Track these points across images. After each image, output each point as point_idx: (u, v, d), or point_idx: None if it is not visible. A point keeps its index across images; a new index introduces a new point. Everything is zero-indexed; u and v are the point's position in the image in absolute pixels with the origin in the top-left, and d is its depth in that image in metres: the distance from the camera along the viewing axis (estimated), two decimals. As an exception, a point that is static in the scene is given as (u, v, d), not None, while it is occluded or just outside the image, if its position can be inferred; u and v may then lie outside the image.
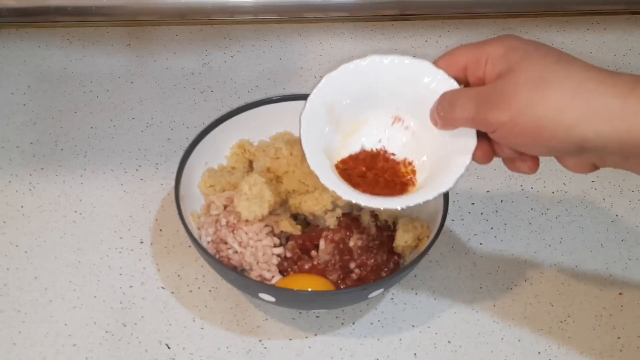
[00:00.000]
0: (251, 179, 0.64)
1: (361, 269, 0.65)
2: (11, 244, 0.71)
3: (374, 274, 0.65)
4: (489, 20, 0.96)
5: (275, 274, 0.65)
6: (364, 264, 0.65)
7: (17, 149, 0.78)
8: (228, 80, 0.87)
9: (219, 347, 0.65)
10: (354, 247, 0.65)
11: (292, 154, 0.67)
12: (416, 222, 0.67)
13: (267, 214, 0.64)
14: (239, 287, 0.66)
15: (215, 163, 0.72)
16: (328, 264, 0.65)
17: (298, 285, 0.63)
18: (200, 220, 0.68)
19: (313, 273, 0.65)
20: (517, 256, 0.72)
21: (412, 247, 0.67)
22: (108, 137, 0.80)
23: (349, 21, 0.94)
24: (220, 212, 0.67)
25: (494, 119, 0.52)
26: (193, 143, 0.69)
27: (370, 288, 0.62)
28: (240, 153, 0.72)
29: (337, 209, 0.66)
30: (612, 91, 0.50)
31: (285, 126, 0.73)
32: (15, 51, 0.89)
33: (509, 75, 0.52)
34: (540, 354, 0.66)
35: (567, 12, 0.97)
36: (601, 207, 0.77)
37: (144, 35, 0.91)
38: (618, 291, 0.70)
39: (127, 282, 0.69)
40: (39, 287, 0.68)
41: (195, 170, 0.69)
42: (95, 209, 0.74)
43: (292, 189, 0.66)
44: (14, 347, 0.64)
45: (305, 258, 0.65)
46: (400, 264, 0.67)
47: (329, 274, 0.65)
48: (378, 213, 0.68)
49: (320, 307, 0.66)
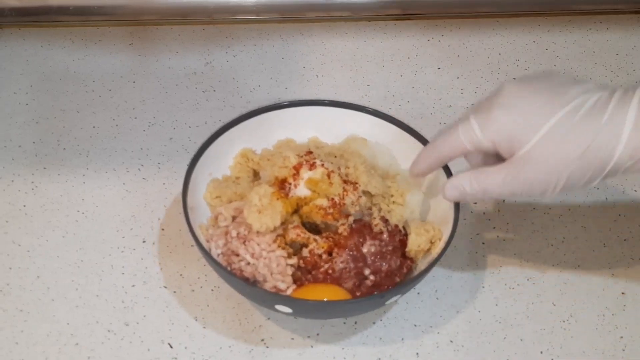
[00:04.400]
0: (261, 190, 0.64)
1: (376, 276, 0.64)
2: (13, 243, 0.71)
3: (389, 279, 0.64)
4: (492, 20, 0.95)
5: (290, 284, 0.63)
6: (379, 269, 0.64)
7: (19, 148, 0.79)
8: (230, 79, 0.87)
9: (221, 346, 0.65)
10: (368, 254, 0.65)
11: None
12: (427, 225, 0.66)
13: (279, 225, 0.64)
14: (254, 300, 0.65)
15: (219, 174, 0.71)
16: (343, 271, 0.64)
17: (314, 295, 0.62)
18: (209, 233, 0.66)
19: (328, 282, 0.64)
20: (519, 255, 0.72)
21: (425, 251, 0.66)
22: (110, 137, 0.80)
23: (351, 21, 0.94)
24: (229, 223, 0.66)
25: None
26: (197, 154, 0.68)
27: (388, 295, 0.61)
28: (243, 162, 0.71)
29: (350, 217, 0.66)
30: None
31: (288, 133, 0.72)
32: (18, 51, 0.89)
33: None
34: (542, 353, 0.66)
35: (570, 11, 0.97)
36: (604, 206, 0.77)
37: (146, 35, 0.92)
38: (621, 291, 0.70)
39: (130, 282, 0.69)
40: (42, 286, 0.68)
41: (200, 181, 0.68)
42: (97, 208, 0.74)
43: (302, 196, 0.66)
44: (17, 346, 0.64)
45: (321, 266, 0.64)
46: (412, 268, 0.66)
47: (344, 282, 0.64)
48: (388, 217, 0.67)
49: (338, 316, 0.65)
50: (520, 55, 0.91)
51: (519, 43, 0.93)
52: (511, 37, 0.94)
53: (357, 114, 0.72)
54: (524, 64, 0.91)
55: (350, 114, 0.72)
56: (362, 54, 0.91)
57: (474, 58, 0.91)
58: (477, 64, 0.90)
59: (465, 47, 0.92)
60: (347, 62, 0.90)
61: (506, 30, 0.94)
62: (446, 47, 0.92)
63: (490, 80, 0.88)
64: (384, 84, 0.87)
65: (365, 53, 0.91)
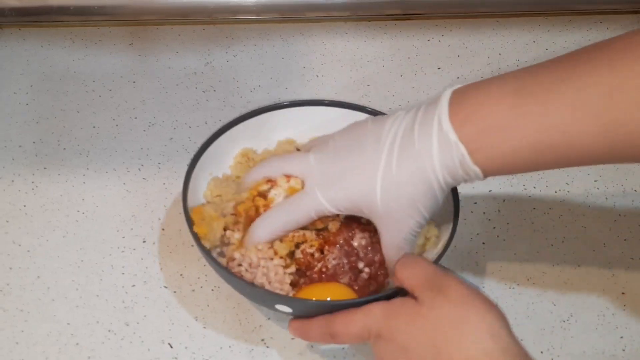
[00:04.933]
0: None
1: (370, 267, 0.64)
2: (14, 243, 0.71)
3: (383, 269, 0.64)
4: (492, 20, 0.95)
5: (289, 292, 0.63)
6: (372, 261, 0.64)
7: (19, 148, 0.79)
8: (230, 79, 0.87)
9: (221, 346, 0.65)
10: (359, 247, 0.65)
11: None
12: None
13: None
14: (254, 300, 0.65)
15: (219, 173, 0.71)
16: (336, 268, 0.64)
17: (318, 295, 0.61)
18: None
19: (323, 280, 0.63)
20: (519, 255, 0.72)
21: (420, 246, 0.66)
22: (110, 137, 0.80)
23: (351, 21, 0.94)
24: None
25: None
26: (198, 154, 0.68)
27: (393, 296, 0.60)
28: (244, 162, 0.71)
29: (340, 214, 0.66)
30: None
31: (288, 133, 0.72)
32: (18, 51, 0.89)
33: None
34: (542, 353, 0.66)
35: (570, 11, 0.97)
36: (604, 206, 0.77)
37: (146, 35, 0.92)
38: (621, 290, 0.70)
39: (130, 282, 0.69)
40: (42, 286, 0.68)
41: (200, 181, 0.68)
42: (97, 208, 0.74)
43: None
44: (17, 346, 0.64)
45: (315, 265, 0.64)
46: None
47: (339, 278, 0.63)
48: None
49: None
50: (520, 55, 0.91)
51: (519, 43, 0.93)
52: (511, 37, 0.94)
53: (357, 113, 0.72)
54: (524, 64, 0.90)
55: (351, 114, 0.72)
56: (362, 54, 0.91)
57: (474, 58, 0.91)
58: (477, 64, 0.90)
59: (465, 47, 0.92)
60: (347, 62, 0.90)
61: (506, 30, 0.94)
62: (446, 47, 0.92)
63: (490, 80, 0.88)
64: (384, 84, 0.87)
65: (365, 53, 0.91)
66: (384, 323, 0.55)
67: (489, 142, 0.55)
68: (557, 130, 0.53)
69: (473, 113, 0.55)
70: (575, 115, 0.52)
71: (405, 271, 0.57)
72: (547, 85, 0.53)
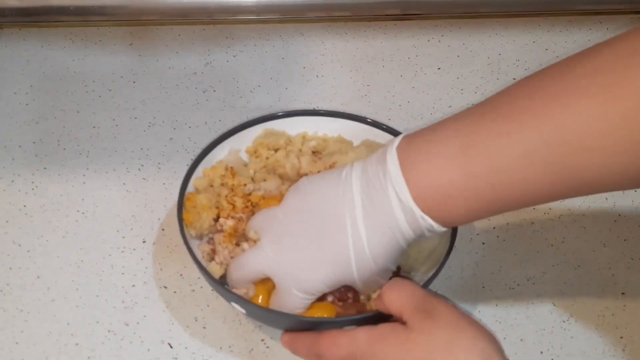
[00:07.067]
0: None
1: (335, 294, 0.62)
2: (14, 244, 0.71)
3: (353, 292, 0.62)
4: (492, 20, 0.95)
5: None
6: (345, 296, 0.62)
7: (19, 149, 0.79)
8: (230, 79, 0.87)
9: (221, 346, 0.65)
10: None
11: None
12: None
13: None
14: (218, 292, 0.64)
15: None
16: None
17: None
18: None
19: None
20: (519, 255, 0.72)
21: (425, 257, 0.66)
22: (110, 137, 0.80)
23: (351, 21, 0.94)
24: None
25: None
26: (196, 160, 0.68)
27: (373, 317, 0.59)
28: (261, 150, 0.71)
29: None
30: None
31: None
32: (18, 51, 0.89)
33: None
34: (542, 353, 0.66)
35: (570, 11, 0.97)
36: (604, 206, 0.77)
37: (146, 35, 0.92)
38: (621, 291, 0.70)
39: (130, 282, 0.69)
40: (42, 286, 0.68)
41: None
42: (97, 208, 0.74)
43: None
44: (17, 346, 0.64)
45: None
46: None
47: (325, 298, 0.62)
48: None
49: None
50: (520, 55, 0.91)
51: (519, 43, 0.93)
52: (511, 37, 0.94)
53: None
54: (524, 64, 0.91)
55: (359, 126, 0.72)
56: (362, 54, 0.91)
57: (474, 58, 0.91)
58: (477, 64, 0.90)
59: (465, 47, 0.92)
60: (347, 62, 0.90)
61: (506, 30, 0.94)
62: (446, 47, 0.92)
63: (491, 81, 0.88)
64: (384, 84, 0.87)
65: (365, 53, 0.91)
66: (368, 348, 0.54)
67: (446, 209, 0.54)
68: (508, 185, 0.52)
69: (424, 177, 0.54)
70: (525, 168, 0.51)
71: (392, 294, 0.56)
72: (494, 137, 0.52)
